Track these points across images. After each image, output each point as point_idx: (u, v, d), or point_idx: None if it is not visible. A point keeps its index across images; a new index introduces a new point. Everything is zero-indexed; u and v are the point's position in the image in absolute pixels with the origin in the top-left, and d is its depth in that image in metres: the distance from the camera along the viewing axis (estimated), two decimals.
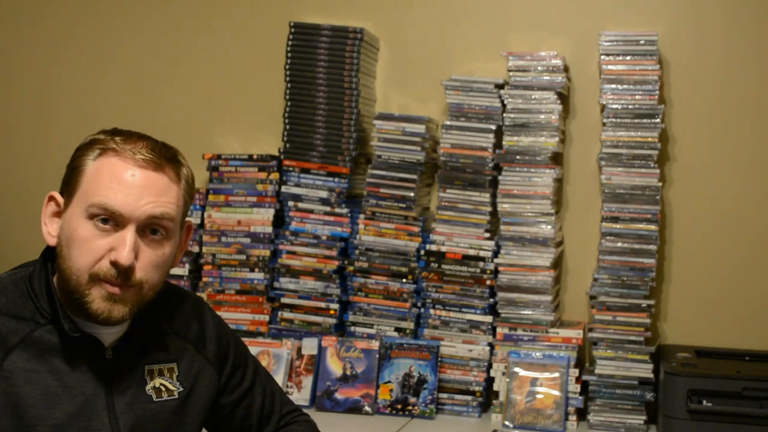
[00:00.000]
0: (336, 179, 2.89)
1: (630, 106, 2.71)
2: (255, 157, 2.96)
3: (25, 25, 3.30)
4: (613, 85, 2.73)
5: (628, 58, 2.73)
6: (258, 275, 2.92)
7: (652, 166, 2.70)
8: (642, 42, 2.72)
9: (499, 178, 2.79)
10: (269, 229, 2.92)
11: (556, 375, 2.68)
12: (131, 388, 1.57)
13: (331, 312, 2.89)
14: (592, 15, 2.89)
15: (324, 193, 2.90)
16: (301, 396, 2.80)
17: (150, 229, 1.51)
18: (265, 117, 3.06)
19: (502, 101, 2.79)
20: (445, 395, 2.78)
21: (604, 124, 2.74)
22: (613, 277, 2.70)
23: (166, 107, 3.18)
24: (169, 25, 3.19)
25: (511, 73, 2.80)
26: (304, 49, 2.91)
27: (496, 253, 2.78)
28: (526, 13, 2.95)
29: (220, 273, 2.94)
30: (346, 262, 2.88)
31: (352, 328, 2.88)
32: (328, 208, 2.89)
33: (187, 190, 1.58)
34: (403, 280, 2.84)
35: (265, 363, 2.78)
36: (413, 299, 2.84)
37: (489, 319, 2.78)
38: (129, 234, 1.48)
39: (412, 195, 2.83)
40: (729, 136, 2.83)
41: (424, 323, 2.83)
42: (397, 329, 2.85)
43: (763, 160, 2.81)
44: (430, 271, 2.81)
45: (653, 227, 2.69)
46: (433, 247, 2.81)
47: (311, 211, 2.90)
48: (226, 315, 2.87)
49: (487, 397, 2.81)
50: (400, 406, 2.76)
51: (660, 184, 2.70)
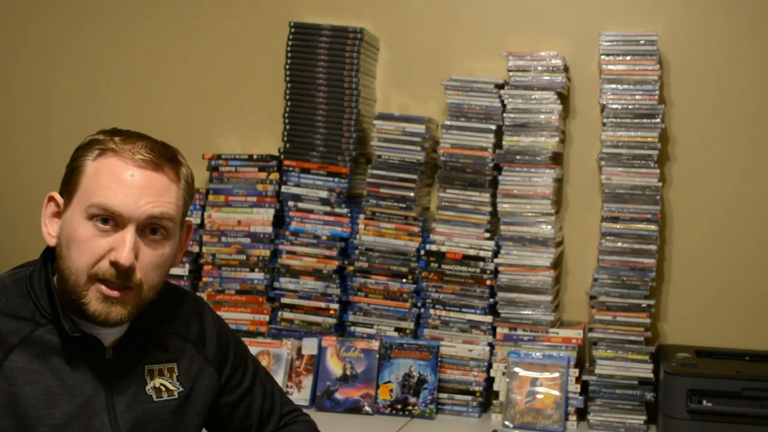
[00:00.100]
0: (336, 179, 2.89)
1: (630, 106, 2.71)
2: (255, 157, 2.96)
3: (25, 26, 3.30)
4: (613, 85, 2.73)
5: (628, 58, 2.73)
6: (258, 275, 2.92)
7: (652, 166, 2.70)
8: (642, 42, 2.72)
9: (499, 178, 2.79)
10: (269, 229, 2.92)
11: (556, 375, 2.68)
12: (131, 388, 1.57)
13: (331, 312, 2.89)
14: (592, 15, 2.89)
15: (324, 193, 2.90)
16: (301, 396, 2.80)
17: (150, 229, 1.51)
18: (265, 117, 3.06)
19: (502, 101, 2.79)
20: (445, 395, 2.78)
21: (604, 124, 2.74)
22: (613, 277, 2.70)
23: (166, 107, 3.18)
24: (169, 25, 3.19)
25: (511, 73, 2.80)
26: (304, 49, 2.91)
27: (496, 253, 2.78)
28: (526, 13, 2.95)
29: (220, 273, 2.94)
30: (346, 262, 2.88)
31: (352, 328, 2.88)
32: (328, 208, 2.89)
33: (187, 190, 1.58)
34: (403, 280, 2.84)
35: (265, 363, 2.78)
36: (413, 299, 2.84)
37: (489, 319, 2.78)
38: (129, 234, 1.48)
39: (412, 195, 2.83)
40: (729, 136, 2.83)
41: (424, 323, 2.83)
42: (397, 329, 2.85)
43: (763, 160, 2.81)
44: (430, 271, 2.81)
45: (653, 227, 2.69)
46: (433, 247, 2.81)
47: (311, 211, 2.90)
48: (226, 315, 2.87)
49: (487, 397, 2.80)
50: (400, 406, 2.76)
51: (660, 184, 2.70)
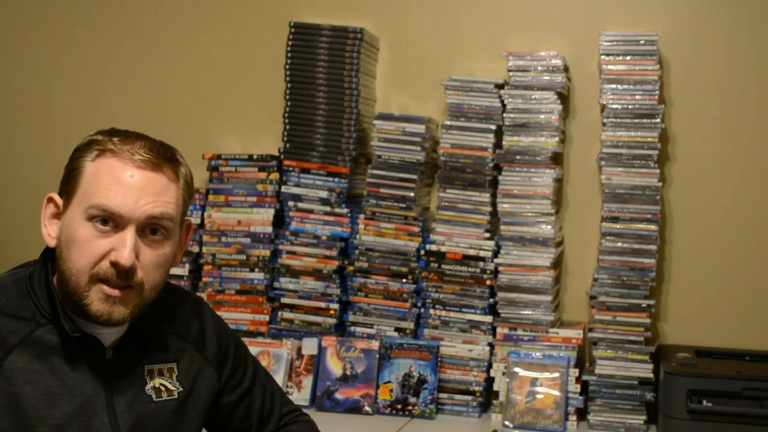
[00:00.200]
0: (336, 179, 2.89)
1: (630, 106, 2.71)
2: (255, 157, 2.96)
3: (24, 26, 3.30)
4: (613, 85, 2.73)
5: (628, 58, 2.73)
6: (258, 275, 2.92)
7: (652, 166, 2.70)
8: (642, 42, 2.72)
9: (499, 178, 2.79)
10: (269, 229, 2.92)
11: (556, 375, 2.68)
12: (131, 388, 1.57)
13: (331, 312, 2.89)
14: (592, 15, 2.89)
15: (324, 193, 2.90)
16: (301, 396, 2.80)
17: (150, 229, 1.51)
18: (265, 117, 3.06)
19: (502, 101, 2.79)
20: (445, 395, 2.78)
21: (604, 124, 2.74)
22: (613, 277, 2.70)
23: (166, 107, 3.18)
24: (169, 25, 3.19)
25: (511, 73, 2.80)
26: (304, 49, 2.91)
27: (496, 253, 2.78)
28: (526, 13, 2.95)
29: (220, 273, 2.94)
30: (346, 262, 2.88)
31: (352, 328, 2.88)
32: (328, 208, 2.89)
33: (186, 189, 1.58)
34: (403, 280, 2.84)
35: (265, 363, 2.78)
36: (413, 299, 2.84)
37: (489, 319, 2.78)
38: (129, 235, 1.48)
39: (412, 195, 2.83)
40: (729, 136, 2.83)
41: (424, 323, 2.83)
42: (397, 329, 2.85)
43: (763, 160, 2.81)
44: (430, 271, 2.81)
45: (653, 227, 2.69)
46: (433, 247, 2.81)
47: (311, 211, 2.90)
48: (226, 315, 2.87)
49: (487, 397, 2.80)
50: (400, 406, 2.76)
51: (660, 184, 2.70)
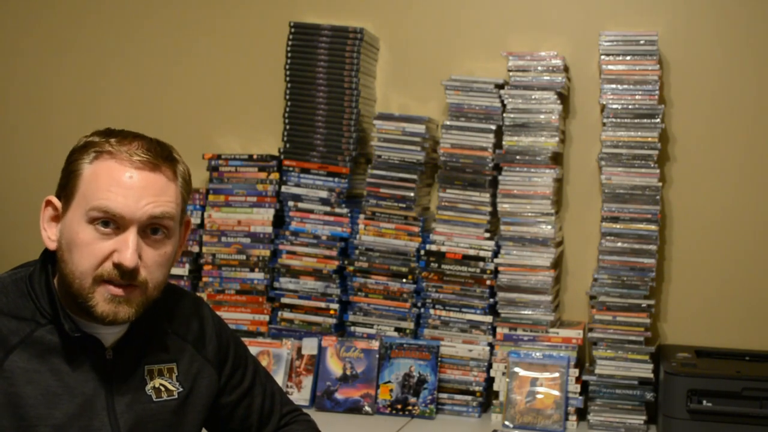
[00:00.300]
0: (336, 179, 2.89)
1: (630, 106, 2.71)
2: (255, 157, 2.96)
3: (25, 25, 3.29)
4: (613, 85, 2.73)
5: (628, 58, 2.73)
6: (258, 275, 2.92)
7: (652, 166, 2.70)
8: (642, 42, 2.72)
9: (499, 178, 2.79)
10: (269, 229, 2.92)
11: (556, 375, 2.68)
12: (131, 389, 1.57)
13: (331, 312, 2.89)
14: (592, 15, 2.89)
15: (324, 193, 2.90)
16: (301, 396, 2.80)
17: (151, 229, 1.51)
18: (265, 117, 3.06)
19: (502, 101, 2.79)
20: (445, 395, 2.78)
21: (604, 124, 2.74)
22: (613, 277, 2.70)
23: (166, 107, 3.18)
24: (169, 25, 3.19)
25: (511, 73, 2.80)
26: (304, 49, 2.91)
27: (496, 253, 2.78)
28: (526, 13, 2.95)
29: (220, 273, 2.94)
30: (346, 262, 2.88)
31: (352, 328, 2.88)
32: (328, 208, 2.89)
33: (185, 187, 1.58)
34: (403, 280, 2.84)
35: (265, 363, 2.78)
36: (413, 299, 2.84)
37: (489, 319, 2.78)
38: (131, 236, 1.48)
39: (412, 195, 2.83)
40: (729, 136, 2.83)
41: (424, 323, 2.83)
42: (397, 329, 2.85)
43: (763, 160, 2.81)
44: (430, 271, 2.81)
45: (653, 227, 2.69)
46: (433, 247, 2.81)
47: (311, 211, 2.90)
48: (226, 315, 2.87)
49: (487, 397, 2.80)
50: (400, 406, 2.76)
51: (660, 184, 2.70)
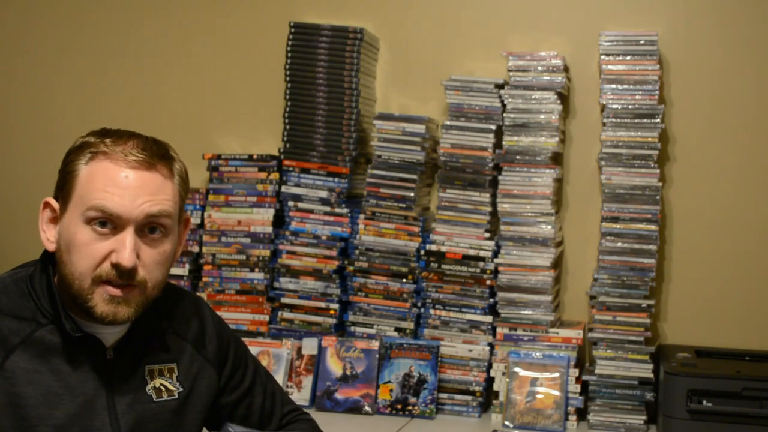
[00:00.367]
0: (336, 179, 2.89)
1: (630, 106, 2.71)
2: (255, 157, 2.96)
3: (25, 26, 3.29)
4: (613, 85, 2.73)
5: (628, 58, 2.73)
6: (258, 275, 2.92)
7: (652, 166, 2.70)
8: (642, 42, 2.72)
9: (499, 178, 2.79)
10: (269, 229, 2.92)
11: (556, 375, 2.68)
12: (132, 388, 1.57)
13: (331, 312, 2.89)
14: (592, 15, 2.89)
15: (324, 193, 2.90)
16: (301, 396, 2.80)
17: (148, 228, 1.51)
18: (265, 117, 3.06)
19: (502, 101, 2.79)
20: (445, 395, 2.78)
21: (604, 124, 2.74)
22: (613, 277, 2.70)
23: (166, 107, 3.18)
24: (169, 25, 3.19)
25: (511, 73, 2.80)
26: (304, 49, 2.91)
27: (496, 253, 2.78)
28: (526, 13, 2.95)
29: (220, 273, 2.94)
30: (346, 262, 2.88)
31: (352, 328, 2.88)
32: (328, 208, 2.89)
33: (182, 185, 1.58)
34: (403, 280, 2.84)
35: (265, 363, 2.78)
36: (413, 299, 2.84)
37: (489, 319, 2.78)
38: (129, 235, 1.48)
39: (412, 195, 2.83)
40: (729, 136, 2.83)
41: (424, 323, 2.83)
42: (397, 329, 2.85)
43: (763, 160, 2.81)
44: (430, 271, 2.81)
45: (653, 227, 2.69)
46: (433, 247, 2.81)
47: (311, 211, 2.90)
48: (226, 315, 2.87)
49: (487, 397, 2.80)
50: (400, 406, 2.76)
51: (660, 184, 2.70)
